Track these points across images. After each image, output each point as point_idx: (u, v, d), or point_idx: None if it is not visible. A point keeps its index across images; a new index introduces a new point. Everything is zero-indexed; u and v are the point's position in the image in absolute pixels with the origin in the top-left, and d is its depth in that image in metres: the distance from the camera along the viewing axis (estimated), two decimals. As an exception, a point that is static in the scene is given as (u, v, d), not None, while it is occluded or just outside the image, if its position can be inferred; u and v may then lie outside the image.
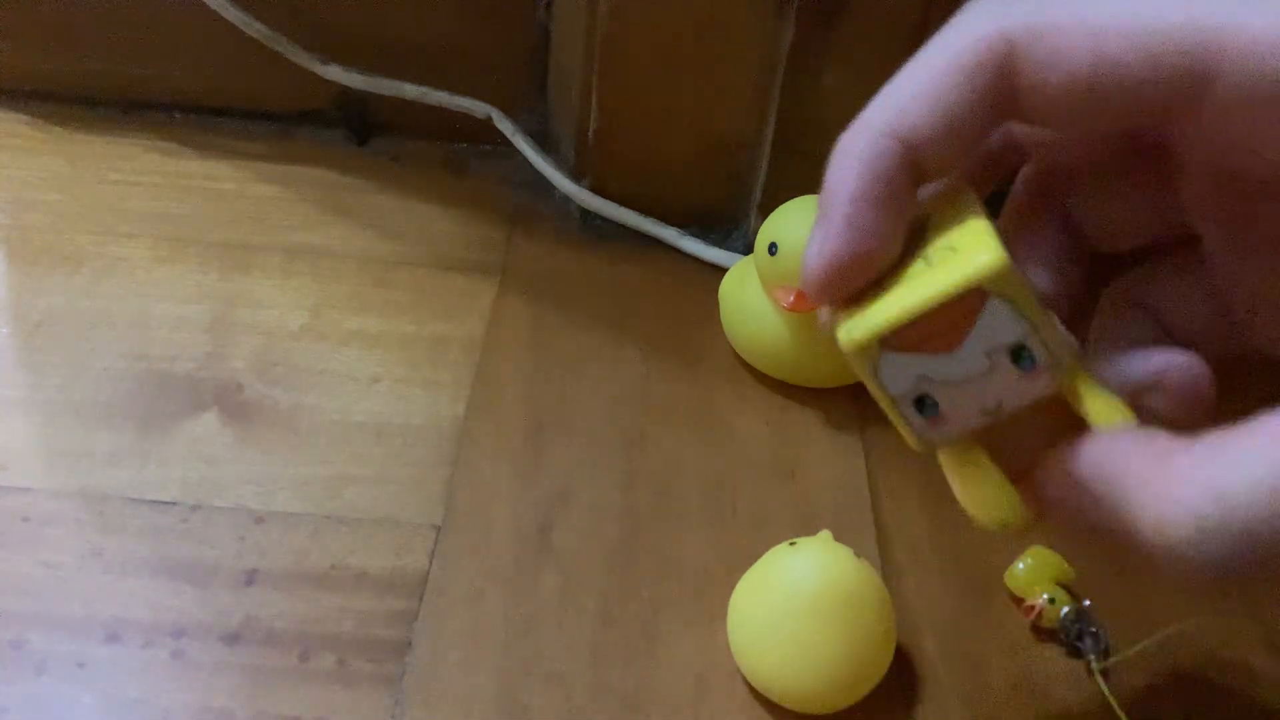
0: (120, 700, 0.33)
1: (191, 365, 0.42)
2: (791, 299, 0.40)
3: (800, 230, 0.40)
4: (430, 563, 0.37)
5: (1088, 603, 0.36)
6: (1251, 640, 0.36)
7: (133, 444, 0.39)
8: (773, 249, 0.40)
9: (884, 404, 0.23)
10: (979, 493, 0.23)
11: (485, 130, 0.51)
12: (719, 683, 0.34)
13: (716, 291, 0.46)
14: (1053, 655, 0.36)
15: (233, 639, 0.34)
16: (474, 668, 0.34)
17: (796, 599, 0.32)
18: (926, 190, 0.23)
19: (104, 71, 0.53)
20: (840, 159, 0.22)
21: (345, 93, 0.52)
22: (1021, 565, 0.37)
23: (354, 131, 0.54)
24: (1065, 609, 0.36)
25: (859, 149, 0.22)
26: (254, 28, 0.49)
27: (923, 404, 0.22)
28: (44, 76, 0.53)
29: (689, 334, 0.46)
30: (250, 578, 0.36)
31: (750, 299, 0.42)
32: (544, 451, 0.40)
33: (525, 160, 0.50)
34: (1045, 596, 0.36)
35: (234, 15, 0.49)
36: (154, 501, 0.38)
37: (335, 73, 0.51)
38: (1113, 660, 0.35)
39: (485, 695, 0.33)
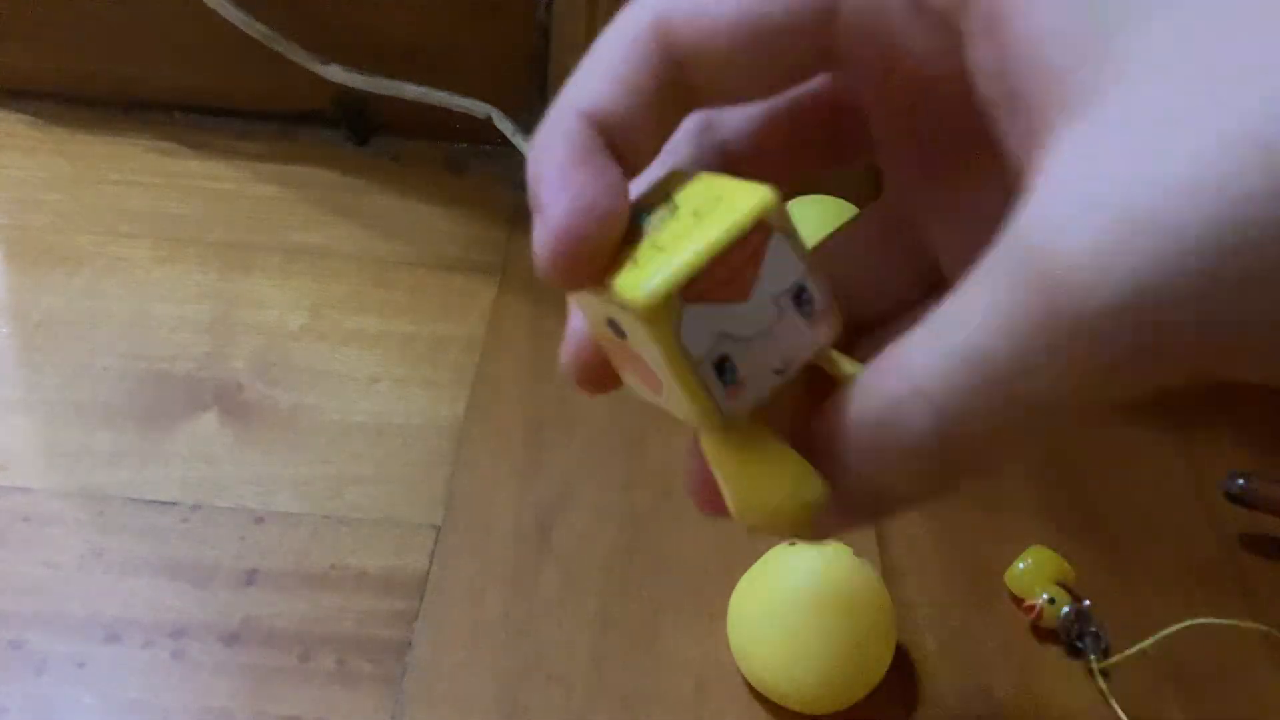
0: (120, 700, 0.33)
1: (191, 365, 0.42)
2: None
3: (803, 227, 0.40)
4: (430, 562, 0.37)
5: (1087, 603, 0.36)
6: (1251, 642, 0.36)
7: (133, 444, 0.39)
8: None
9: (683, 376, 0.20)
10: (775, 478, 0.21)
11: (485, 130, 0.51)
12: (719, 683, 0.34)
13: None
14: (1053, 655, 0.36)
15: (233, 639, 0.34)
16: (474, 667, 0.34)
17: (796, 599, 0.32)
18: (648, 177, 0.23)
19: (104, 72, 0.53)
20: (541, 143, 0.21)
21: (345, 93, 0.52)
22: (1022, 565, 0.37)
23: (354, 131, 0.54)
24: (1065, 609, 0.36)
25: (556, 127, 0.21)
26: (254, 28, 0.49)
27: (723, 369, 0.21)
28: (44, 76, 0.53)
29: (689, 334, 0.46)
30: (250, 578, 0.36)
31: None
32: (544, 451, 0.40)
33: (525, 160, 0.50)
34: (1045, 596, 0.36)
35: (234, 15, 0.49)
36: (154, 501, 0.38)
37: (336, 73, 0.51)
38: (1113, 660, 0.35)
39: (485, 695, 0.33)
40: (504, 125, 0.51)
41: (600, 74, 0.21)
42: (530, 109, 0.52)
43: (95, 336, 0.43)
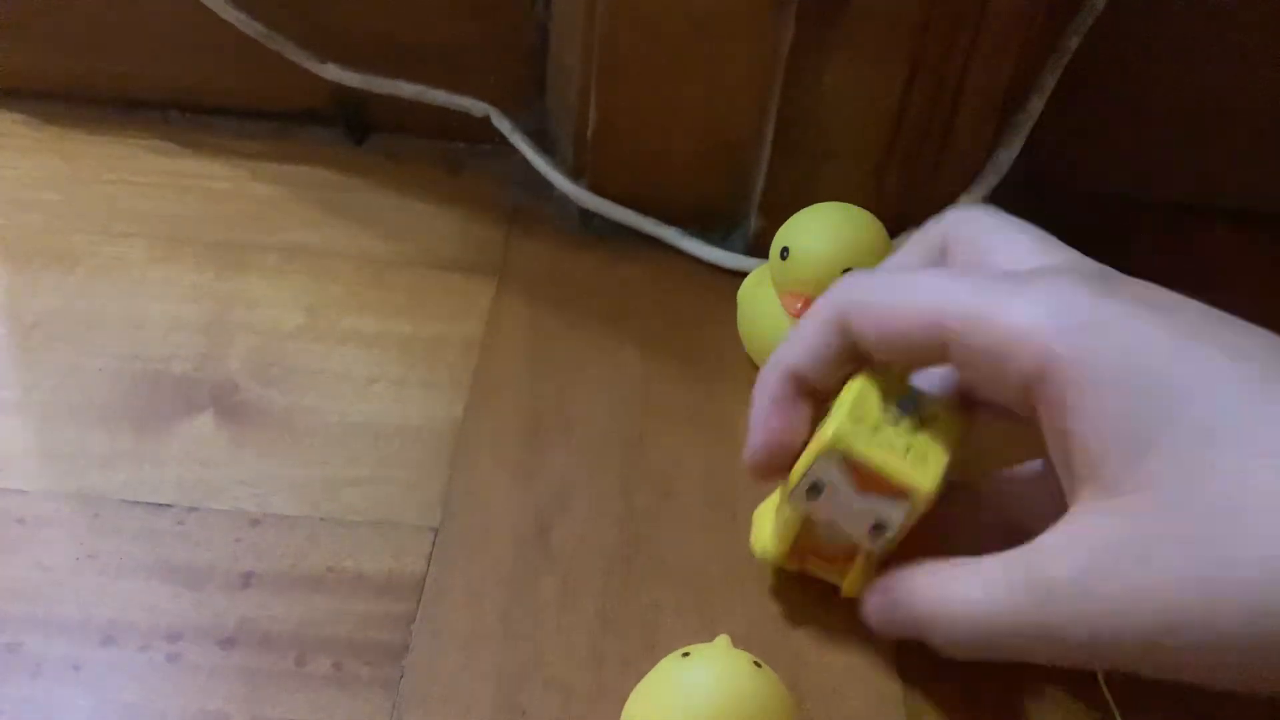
0: (116, 703, 0.32)
1: (187, 366, 0.42)
2: (799, 306, 0.40)
3: (813, 236, 0.40)
4: (428, 565, 0.36)
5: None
6: None
7: (128, 445, 0.39)
8: (784, 254, 0.40)
9: (803, 462, 0.33)
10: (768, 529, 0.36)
11: (483, 129, 0.51)
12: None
13: (716, 290, 0.46)
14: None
15: (229, 642, 0.34)
16: (472, 671, 0.34)
17: (692, 715, 0.29)
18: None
19: (100, 70, 0.52)
20: (758, 384, 0.34)
21: (342, 91, 0.52)
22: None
23: (351, 130, 0.54)
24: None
25: (770, 376, 0.34)
26: (251, 26, 0.49)
27: (815, 489, 0.33)
28: (39, 75, 0.53)
29: (689, 334, 0.45)
30: (246, 580, 0.36)
31: (765, 304, 0.42)
32: (543, 453, 0.40)
33: (524, 159, 0.50)
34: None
35: (231, 14, 0.48)
36: (149, 503, 0.37)
37: (333, 71, 0.50)
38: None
39: (483, 698, 0.33)
40: (502, 124, 0.51)
41: (801, 344, 0.33)
42: (529, 108, 0.52)
43: (90, 337, 0.43)
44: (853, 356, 0.32)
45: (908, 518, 0.32)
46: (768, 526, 0.36)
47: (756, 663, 0.31)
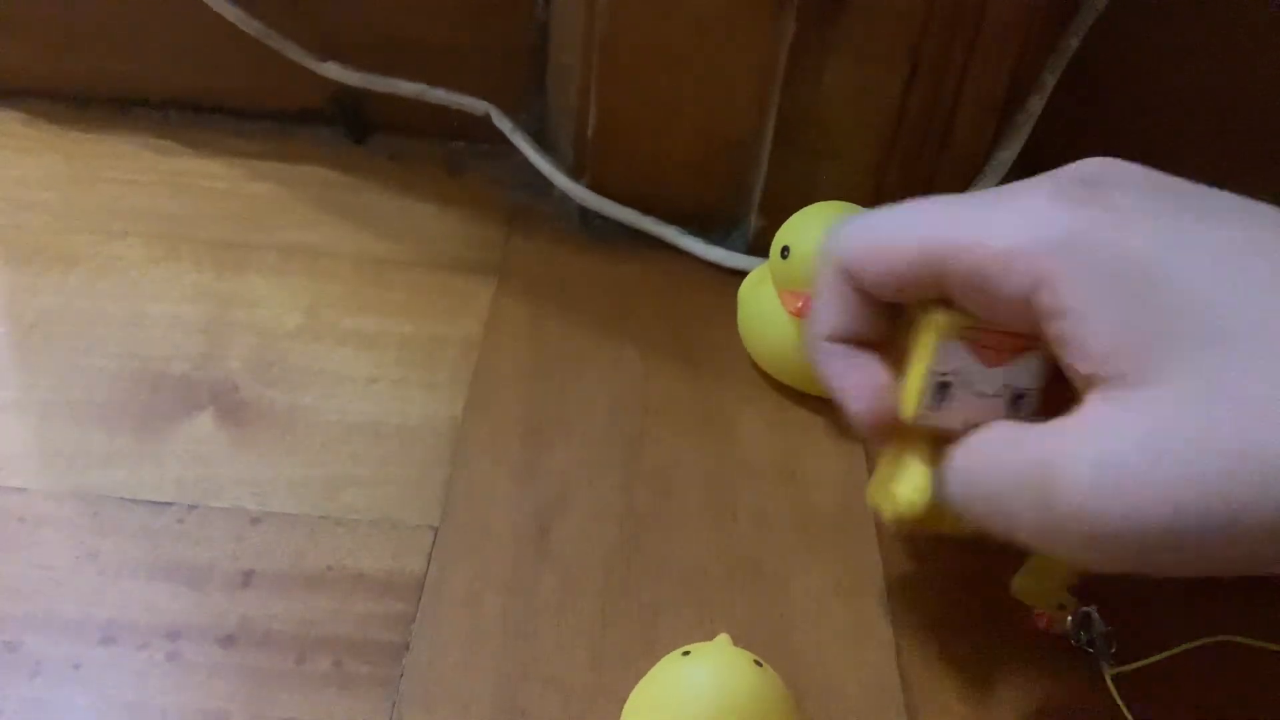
0: (116, 702, 0.32)
1: (187, 365, 0.42)
2: (800, 305, 0.40)
3: (814, 235, 0.40)
4: (428, 564, 0.36)
5: (1095, 608, 0.36)
6: (1272, 667, 0.36)
7: (128, 444, 0.39)
8: (785, 252, 0.40)
9: (916, 371, 0.31)
10: (905, 470, 0.33)
11: (483, 128, 0.51)
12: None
13: (716, 290, 0.46)
14: (1057, 660, 0.36)
15: (229, 641, 0.34)
16: (472, 670, 0.34)
17: (691, 715, 0.29)
18: None
19: (99, 69, 0.52)
20: (816, 362, 0.35)
21: (342, 90, 0.52)
22: (1028, 573, 0.36)
23: (351, 129, 0.54)
24: (1074, 614, 0.35)
25: (815, 352, 0.35)
26: (250, 25, 0.49)
27: (943, 388, 0.31)
28: (38, 74, 0.53)
29: (689, 334, 0.45)
30: (246, 579, 0.36)
31: (765, 303, 0.42)
32: (542, 452, 0.40)
33: (524, 159, 0.50)
34: (1055, 603, 0.36)
35: (230, 12, 0.48)
36: (150, 502, 0.37)
37: (332, 70, 0.50)
38: (1126, 668, 0.35)
39: (483, 698, 0.33)
40: (502, 124, 0.51)
41: (824, 311, 0.34)
42: (529, 107, 0.52)
43: (90, 336, 0.43)
44: (875, 301, 0.33)
45: (1042, 377, 0.31)
46: (900, 490, 0.33)
47: (757, 662, 0.31)
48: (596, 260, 0.48)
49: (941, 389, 0.31)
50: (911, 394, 0.32)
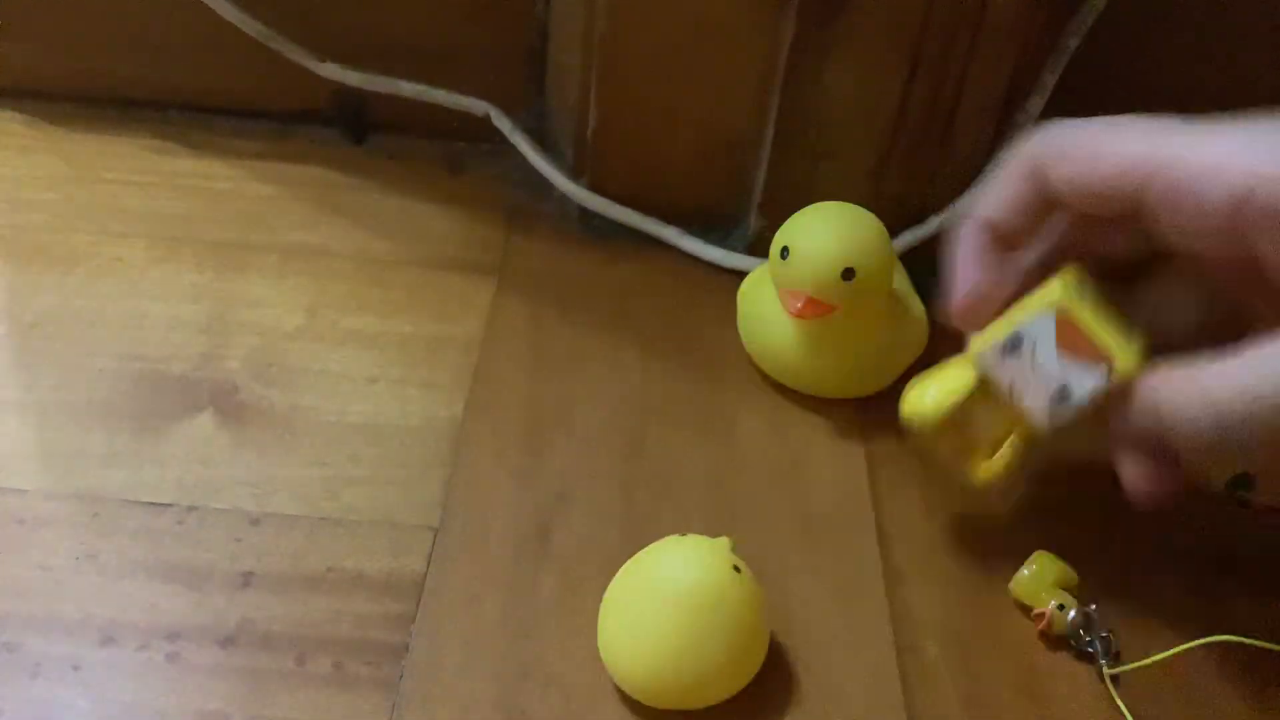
0: (115, 703, 0.32)
1: (187, 366, 0.42)
2: (799, 305, 0.39)
3: (813, 235, 0.40)
4: (428, 565, 0.36)
5: (1094, 607, 0.36)
6: (1272, 667, 0.36)
7: (128, 445, 0.39)
8: (785, 253, 0.40)
9: (1008, 318, 0.34)
10: (936, 389, 0.36)
11: (483, 129, 0.51)
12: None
13: (716, 290, 0.46)
14: (1057, 660, 0.36)
15: (228, 642, 0.34)
16: (472, 671, 0.34)
17: (646, 589, 0.33)
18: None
19: (100, 70, 0.52)
20: (955, 239, 0.36)
21: (342, 91, 0.52)
22: (1026, 572, 0.37)
23: (351, 130, 0.54)
24: (1073, 613, 0.35)
25: (966, 230, 0.35)
26: (251, 26, 0.49)
27: (1015, 345, 0.34)
28: (39, 75, 0.53)
29: (689, 333, 0.45)
30: (246, 580, 0.36)
31: (765, 304, 0.42)
32: (542, 452, 0.40)
33: (523, 159, 0.50)
34: (1054, 603, 0.36)
35: (231, 13, 0.48)
36: (149, 503, 0.37)
37: (332, 71, 0.50)
38: (1124, 667, 0.35)
39: (483, 698, 0.33)
40: (502, 124, 0.51)
41: (996, 195, 0.34)
42: (529, 107, 0.52)
43: (90, 337, 0.43)
44: (1045, 207, 0.34)
45: (1094, 394, 0.32)
46: (926, 394, 0.36)
47: (736, 567, 0.33)
48: (596, 260, 0.48)
49: (1014, 344, 0.34)
50: (990, 330, 0.34)
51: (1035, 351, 0.33)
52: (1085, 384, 0.33)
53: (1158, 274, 0.35)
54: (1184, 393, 0.31)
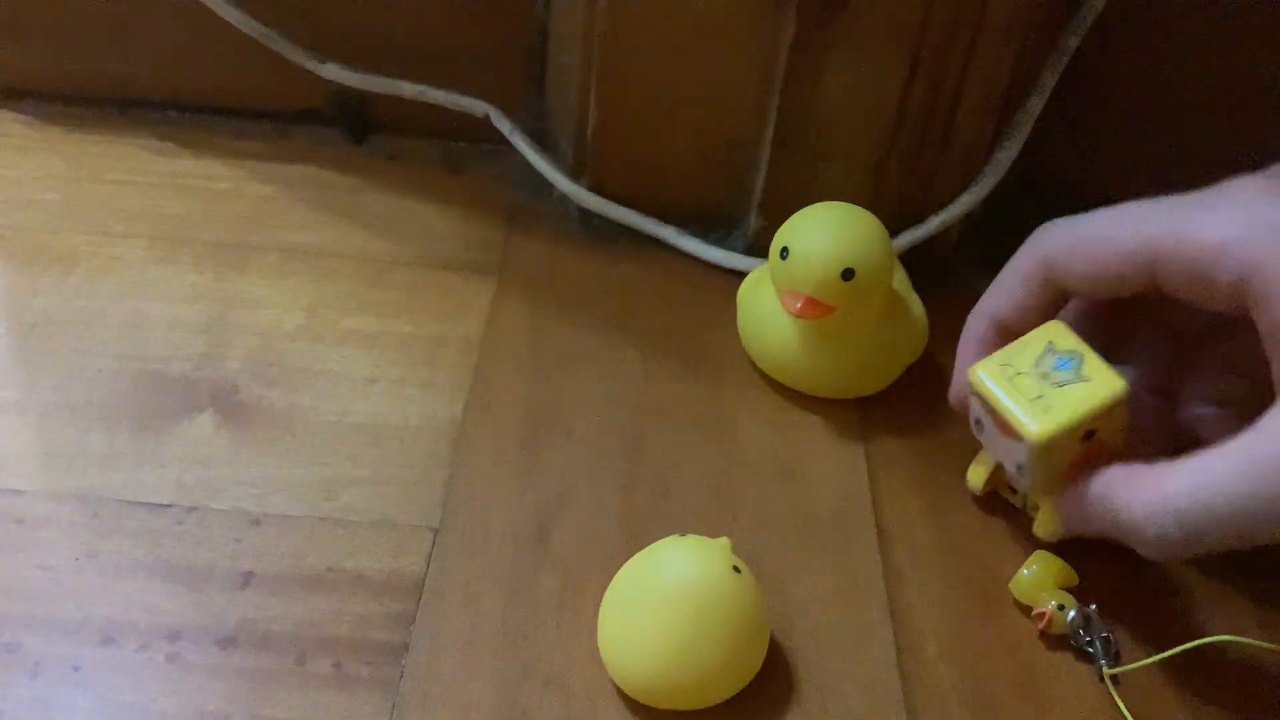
0: (115, 703, 0.32)
1: (187, 366, 0.42)
2: (799, 305, 0.39)
3: (813, 236, 0.40)
4: (428, 565, 0.36)
5: (1094, 607, 0.36)
6: (1272, 668, 0.36)
7: (128, 445, 0.39)
8: (784, 253, 0.40)
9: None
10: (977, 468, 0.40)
11: (483, 129, 0.51)
12: (719, 686, 0.34)
13: (716, 290, 0.46)
14: (1057, 660, 0.36)
15: (228, 642, 0.34)
16: (472, 671, 0.34)
17: (646, 588, 0.33)
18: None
19: (100, 70, 0.52)
20: (966, 330, 0.38)
21: (342, 91, 0.52)
22: (1026, 572, 0.37)
23: (351, 130, 0.54)
24: (1073, 613, 0.35)
25: (975, 324, 0.37)
26: (250, 26, 0.49)
27: (978, 424, 0.37)
28: (39, 76, 0.53)
29: (689, 334, 0.45)
30: (246, 580, 0.36)
31: (764, 304, 0.42)
32: (542, 453, 0.40)
33: (523, 159, 0.50)
34: (1054, 604, 0.36)
35: (230, 14, 0.48)
36: (149, 504, 0.37)
37: (332, 71, 0.50)
38: (1126, 668, 0.35)
39: (483, 699, 0.33)
40: (502, 124, 0.51)
41: (1007, 296, 0.36)
42: (528, 108, 0.52)
43: (90, 337, 0.43)
44: (1053, 303, 0.36)
45: (1029, 461, 0.34)
46: (972, 470, 0.39)
47: (736, 567, 0.33)
48: (596, 260, 0.48)
49: (978, 424, 0.37)
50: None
51: (987, 429, 0.36)
52: (1021, 458, 0.34)
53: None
54: (1145, 501, 0.32)
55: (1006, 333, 0.36)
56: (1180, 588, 0.38)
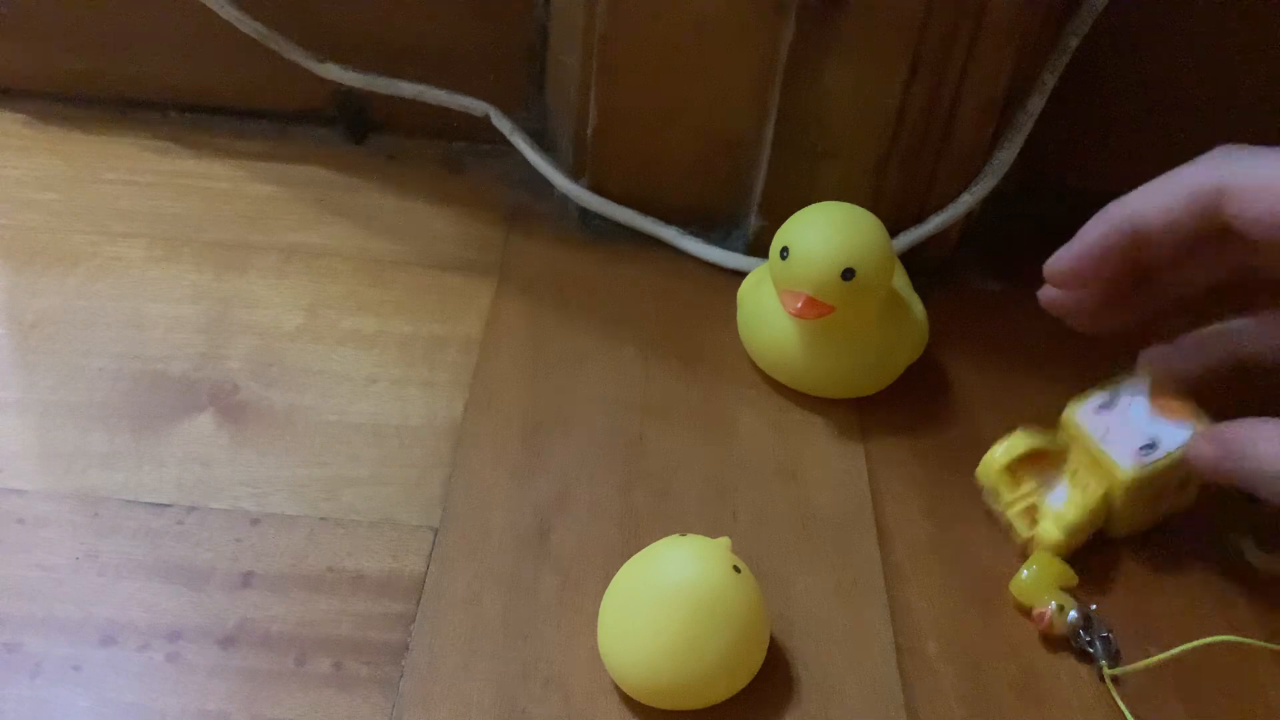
0: (116, 703, 0.32)
1: (187, 366, 0.42)
2: (799, 305, 0.39)
3: (813, 235, 0.40)
4: (428, 565, 0.36)
5: (1094, 607, 0.36)
6: (1272, 667, 0.36)
7: (128, 445, 0.39)
8: (784, 253, 0.40)
9: (1103, 385, 0.39)
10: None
11: (483, 129, 0.51)
12: (719, 686, 0.34)
13: (716, 290, 0.46)
14: (1057, 660, 0.36)
15: (228, 642, 0.34)
16: (472, 671, 0.34)
17: (647, 587, 0.33)
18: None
19: (99, 70, 0.52)
20: (1095, 219, 0.35)
21: (342, 91, 0.52)
22: (1026, 572, 0.37)
23: (351, 130, 0.54)
24: (1073, 613, 0.35)
25: (1107, 218, 0.35)
26: (250, 26, 0.49)
27: (1113, 399, 0.39)
28: (39, 76, 0.53)
29: (688, 333, 0.45)
30: (246, 580, 0.36)
31: (764, 304, 0.42)
32: (542, 452, 0.40)
33: (523, 159, 0.50)
34: (1054, 603, 0.36)
35: (230, 13, 0.48)
36: (149, 503, 0.37)
37: (332, 71, 0.50)
38: (1126, 668, 0.35)
39: (483, 698, 0.33)
40: (502, 124, 0.51)
41: (1157, 200, 0.34)
42: (529, 107, 0.52)
43: (90, 337, 0.43)
44: (1202, 234, 0.33)
45: (1184, 445, 0.37)
46: (998, 447, 0.39)
47: (736, 567, 0.33)
48: (596, 260, 0.48)
49: (1110, 401, 0.38)
50: (1087, 394, 0.38)
51: (1130, 408, 0.37)
52: (1176, 437, 0.36)
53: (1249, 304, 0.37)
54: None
55: (1139, 239, 0.34)
56: (1180, 588, 0.38)
